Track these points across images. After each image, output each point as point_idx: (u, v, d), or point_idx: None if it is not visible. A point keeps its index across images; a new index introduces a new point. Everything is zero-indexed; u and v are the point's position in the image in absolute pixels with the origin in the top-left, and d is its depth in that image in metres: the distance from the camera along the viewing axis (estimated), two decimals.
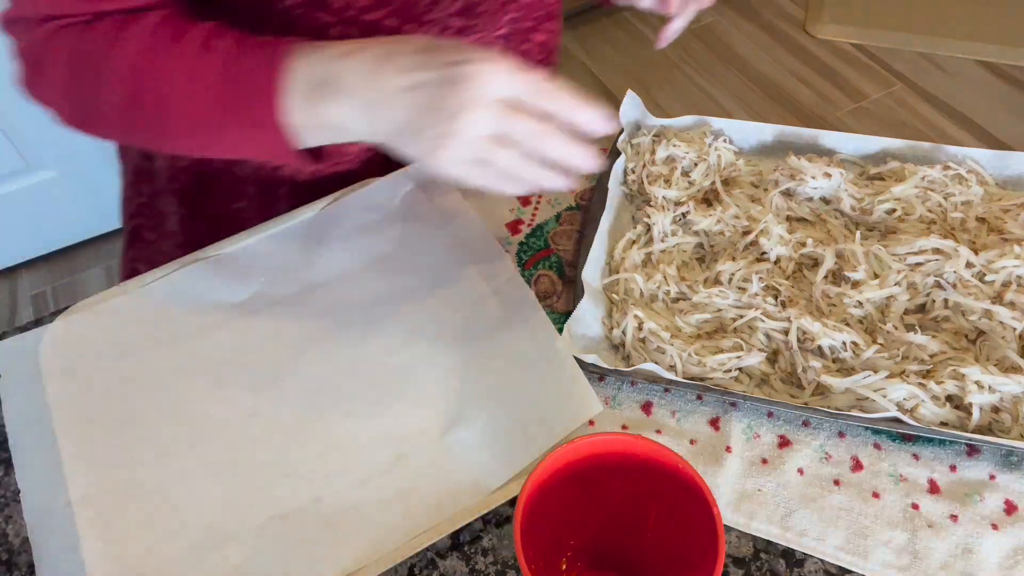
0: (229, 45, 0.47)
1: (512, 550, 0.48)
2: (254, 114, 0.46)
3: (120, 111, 0.49)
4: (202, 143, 0.51)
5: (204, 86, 0.46)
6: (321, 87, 0.45)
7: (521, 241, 0.65)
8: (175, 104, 0.47)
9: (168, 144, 0.54)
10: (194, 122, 0.48)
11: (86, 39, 0.48)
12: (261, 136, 0.47)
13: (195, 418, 0.53)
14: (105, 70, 0.48)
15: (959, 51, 2.11)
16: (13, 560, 0.49)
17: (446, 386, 0.54)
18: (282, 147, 0.47)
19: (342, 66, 0.45)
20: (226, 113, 0.47)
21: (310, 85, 0.45)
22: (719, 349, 0.54)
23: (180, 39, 0.47)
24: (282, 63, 0.45)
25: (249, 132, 0.47)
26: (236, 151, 0.52)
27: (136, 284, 0.60)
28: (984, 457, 0.51)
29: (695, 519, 0.40)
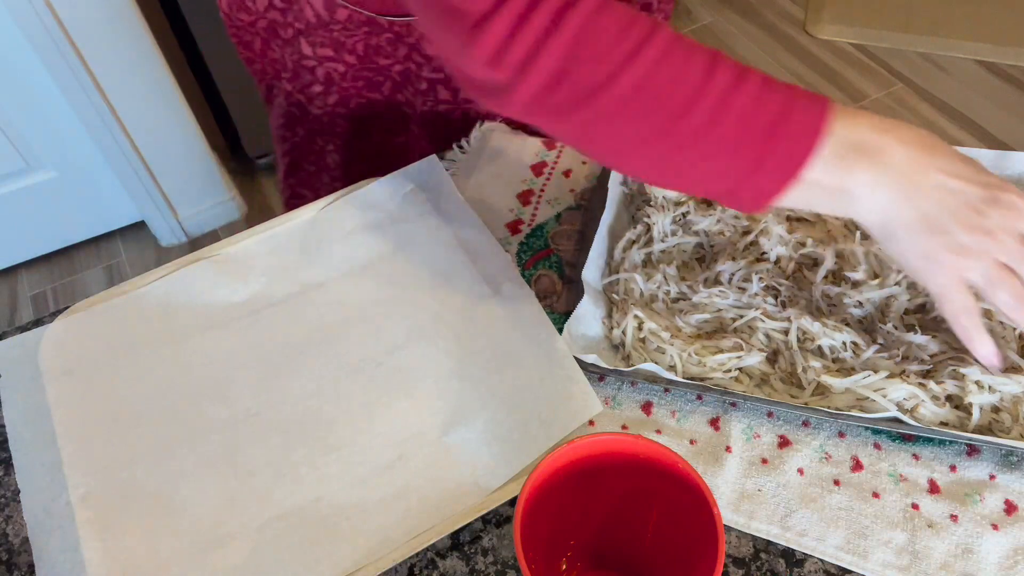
0: (759, 78, 0.43)
1: (512, 550, 0.48)
2: (776, 157, 0.43)
3: (618, 101, 0.42)
4: (671, 160, 0.45)
5: (731, 111, 0.42)
6: (858, 150, 0.43)
7: (521, 241, 0.65)
8: (680, 113, 0.42)
9: (631, 150, 0.45)
10: (689, 139, 0.43)
11: (598, 21, 0.42)
12: (758, 180, 0.43)
13: (195, 418, 0.53)
14: (616, 59, 0.41)
15: (959, 51, 2.11)
16: (13, 560, 0.49)
17: (446, 386, 0.54)
18: (765, 198, 0.44)
19: (884, 139, 0.44)
20: (743, 145, 0.43)
21: (846, 146, 0.43)
22: (719, 349, 0.54)
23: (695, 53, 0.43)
24: (828, 114, 0.43)
25: (753, 172, 0.43)
26: (701, 180, 0.46)
27: (136, 284, 0.60)
28: (984, 457, 0.51)
29: (695, 519, 0.40)
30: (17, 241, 1.80)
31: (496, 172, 0.71)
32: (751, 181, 0.43)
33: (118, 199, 1.80)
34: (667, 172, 0.45)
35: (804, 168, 0.42)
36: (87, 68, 1.48)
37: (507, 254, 0.61)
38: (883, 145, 0.44)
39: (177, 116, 1.66)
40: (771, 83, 0.43)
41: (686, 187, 0.47)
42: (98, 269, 1.86)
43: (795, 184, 0.43)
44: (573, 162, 0.71)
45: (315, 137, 0.82)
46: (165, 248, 1.89)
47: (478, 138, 0.74)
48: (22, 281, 1.84)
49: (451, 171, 0.70)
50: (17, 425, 0.53)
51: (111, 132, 1.60)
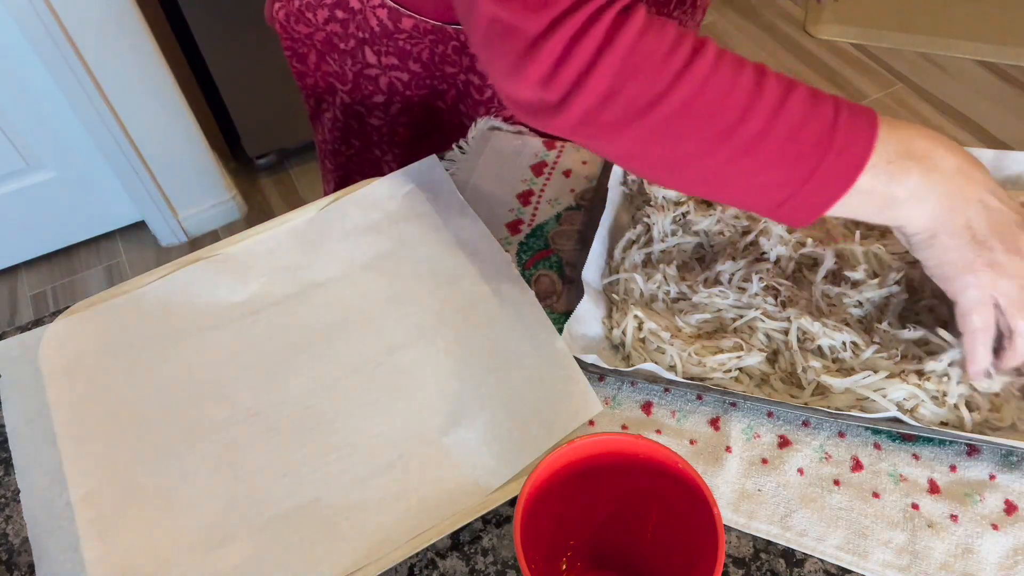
0: (806, 89, 0.43)
1: (512, 550, 0.48)
2: (830, 166, 0.43)
3: (670, 117, 0.43)
4: (725, 173, 0.45)
5: (783, 121, 0.42)
6: (909, 155, 0.44)
7: (521, 241, 0.65)
8: (733, 126, 0.42)
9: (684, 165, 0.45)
10: (742, 151, 0.43)
11: (648, 39, 0.42)
12: (812, 189, 0.43)
13: (195, 418, 0.53)
14: (665, 77, 0.42)
15: (959, 51, 2.11)
16: (13, 560, 0.49)
17: (446, 386, 0.54)
18: (819, 208, 0.44)
19: (932, 145, 0.45)
20: (796, 155, 0.43)
21: (896, 152, 0.44)
22: (719, 349, 0.54)
23: (743, 66, 0.43)
24: (877, 122, 0.44)
25: (807, 181, 0.43)
26: (755, 192, 0.45)
27: (136, 284, 0.60)
28: (984, 457, 0.51)
29: (695, 519, 0.40)
30: (17, 241, 1.80)
31: (496, 172, 0.71)
32: (805, 191, 0.43)
33: (118, 199, 1.80)
34: (721, 186, 0.46)
35: (859, 176, 0.43)
36: (87, 68, 1.48)
37: (507, 254, 0.61)
38: (932, 151, 0.44)
39: (177, 116, 1.66)
40: (818, 93, 0.43)
41: (739, 200, 0.47)
42: (98, 269, 1.86)
43: (848, 193, 0.43)
44: (573, 162, 0.71)
45: (372, 148, 0.83)
46: (165, 248, 1.89)
47: (478, 138, 0.74)
48: (22, 281, 1.84)
49: (451, 171, 0.70)
50: (17, 425, 0.53)
51: (111, 132, 1.60)
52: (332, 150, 0.87)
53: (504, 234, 0.66)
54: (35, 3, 1.34)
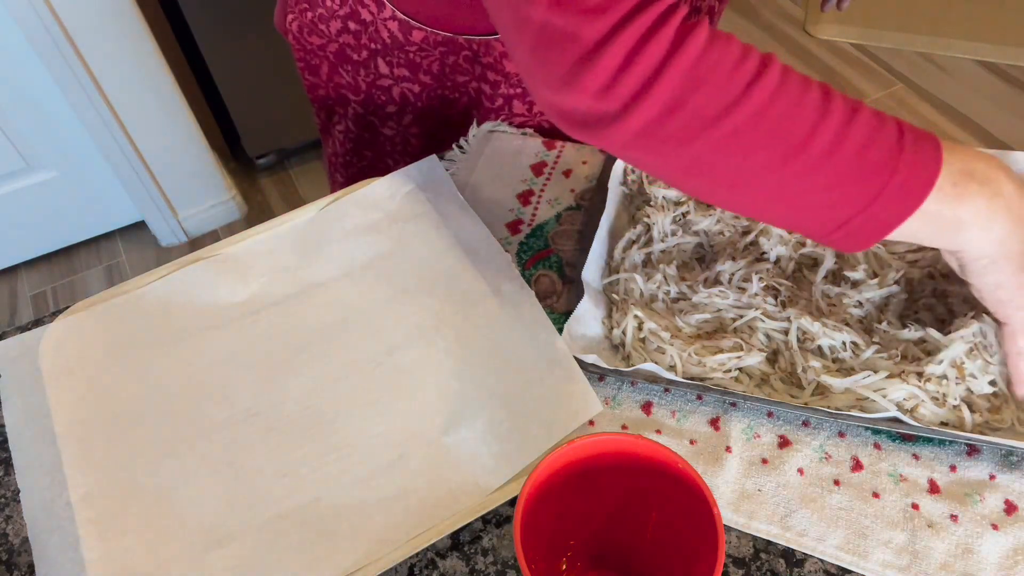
0: (870, 108, 0.43)
1: (512, 550, 0.48)
2: (897, 186, 0.42)
3: (735, 132, 0.41)
4: (788, 190, 0.43)
5: (850, 140, 0.41)
6: (971, 177, 0.43)
7: (521, 241, 0.65)
8: (801, 143, 0.41)
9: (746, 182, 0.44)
10: (809, 169, 0.42)
11: (716, 49, 0.41)
12: (877, 210, 0.42)
13: (195, 418, 0.53)
14: (734, 89, 0.41)
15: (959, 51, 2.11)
16: (13, 560, 0.49)
17: (446, 386, 0.54)
18: (881, 231, 0.43)
19: (992, 169, 0.44)
20: (863, 174, 0.42)
21: (960, 173, 0.43)
22: (719, 349, 0.54)
23: (809, 83, 0.42)
24: (940, 144, 0.43)
25: (872, 202, 0.42)
26: (816, 212, 0.44)
27: (136, 284, 0.60)
28: (984, 457, 0.51)
29: (695, 519, 0.40)
30: (17, 241, 1.80)
31: (496, 172, 0.71)
32: (869, 212, 0.42)
33: (118, 199, 1.80)
34: (785, 203, 0.44)
35: (926, 197, 0.42)
36: (87, 68, 1.48)
37: (507, 254, 0.61)
38: (994, 176, 0.44)
39: (177, 116, 1.66)
40: (882, 114, 0.43)
41: (799, 220, 0.45)
42: (98, 269, 1.86)
43: (915, 214, 0.42)
44: (573, 162, 0.71)
45: (385, 159, 0.83)
46: (165, 248, 1.89)
47: (478, 138, 0.74)
48: (22, 281, 1.84)
49: (451, 171, 0.70)
50: (17, 425, 0.53)
51: (111, 132, 1.60)
52: (344, 162, 0.87)
53: (504, 234, 0.66)
54: (35, 3, 1.34)
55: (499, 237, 0.65)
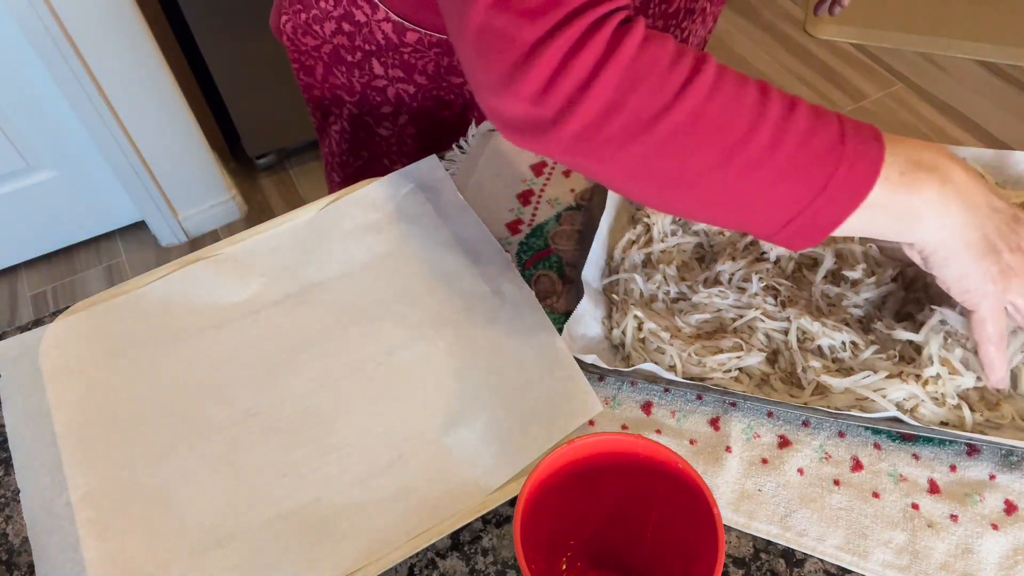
0: (807, 104, 0.42)
1: (512, 550, 0.48)
2: (841, 178, 0.41)
3: (674, 132, 0.41)
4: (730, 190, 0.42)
5: (790, 135, 0.41)
6: (920, 167, 0.43)
7: (521, 241, 0.65)
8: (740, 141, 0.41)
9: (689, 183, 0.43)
10: (750, 167, 0.41)
11: (650, 51, 0.40)
12: (822, 205, 0.42)
13: (195, 418, 0.53)
14: (669, 90, 0.40)
15: (959, 51, 2.11)
16: (13, 560, 0.49)
17: (446, 386, 0.54)
18: (828, 226, 0.43)
19: (939, 157, 0.44)
20: (805, 169, 0.41)
21: (907, 162, 0.42)
22: (719, 349, 0.54)
23: (746, 81, 0.42)
24: (882, 136, 0.42)
25: (816, 197, 0.41)
26: (761, 211, 0.43)
27: (136, 284, 0.60)
28: (984, 457, 0.51)
29: (695, 519, 0.40)
30: (17, 241, 1.80)
31: (496, 172, 0.71)
32: (815, 207, 0.42)
33: (118, 199, 1.80)
34: (728, 204, 0.43)
35: (871, 188, 0.41)
36: (87, 68, 1.48)
37: (507, 254, 0.61)
38: (941, 163, 0.44)
39: (177, 116, 1.66)
40: (820, 108, 0.42)
41: (745, 220, 0.44)
42: (98, 269, 1.86)
43: (861, 207, 0.42)
44: None
45: (381, 159, 0.83)
46: (165, 248, 1.89)
47: (478, 138, 0.74)
48: (22, 281, 1.84)
49: (451, 171, 0.70)
50: (17, 425, 0.53)
51: (111, 132, 1.60)
52: (340, 162, 0.87)
53: (504, 234, 0.66)
54: (35, 3, 1.34)
55: (499, 237, 0.65)
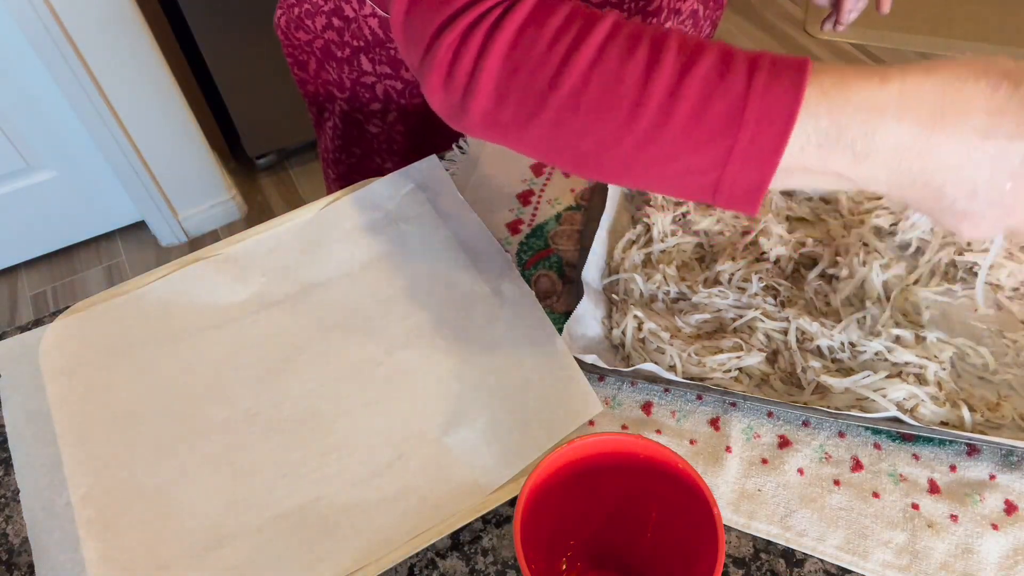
0: (714, 57, 0.38)
1: (512, 550, 0.48)
2: (745, 146, 0.37)
3: (563, 109, 0.40)
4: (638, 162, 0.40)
5: (683, 101, 0.38)
6: (834, 140, 0.37)
7: (521, 241, 0.65)
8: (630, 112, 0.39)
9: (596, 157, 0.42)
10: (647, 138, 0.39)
11: (527, 34, 0.40)
12: (734, 173, 0.38)
13: (195, 418, 0.53)
14: (550, 68, 0.39)
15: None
16: (13, 560, 0.49)
17: (446, 386, 0.54)
18: (751, 192, 0.39)
19: (871, 119, 0.36)
20: (705, 138, 0.38)
21: (821, 133, 0.37)
22: (719, 349, 0.54)
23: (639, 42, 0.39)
24: (800, 90, 0.36)
25: (724, 165, 0.38)
26: (679, 180, 0.40)
27: (136, 284, 0.60)
28: (984, 457, 0.51)
29: (695, 519, 0.40)
30: (17, 241, 1.80)
31: (496, 172, 0.71)
32: (728, 175, 0.38)
33: (118, 199, 1.80)
34: (642, 176, 0.41)
35: (780, 155, 0.37)
36: (87, 68, 1.48)
37: (507, 254, 0.61)
38: (867, 129, 0.37)
39: (177, 116, 1.66)
40: (731, 58, 0.37)
41: (671, 189, 0.42)
42: (98, 269, 1.86)
43: (777, 173, 0.38)
44: None
45: (373, 156, 0.83)
46: (165, 248, 1.89)
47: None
48: (22, 281, 1.84)
49: (451, 171, 0.70)
50: (17, 425, 0.53)
51: (111, 132, 1.60)
52: (334, 159, 0.87)
53: (504, 234, 0.66)
54: (35, 3, 1.34)
55: (499, 237, 0.65)
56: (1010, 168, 0.36)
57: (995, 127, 0.36)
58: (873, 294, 0.56)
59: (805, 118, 0.36)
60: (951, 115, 0.36)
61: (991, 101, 0.36)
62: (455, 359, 0.55)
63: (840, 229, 0.62)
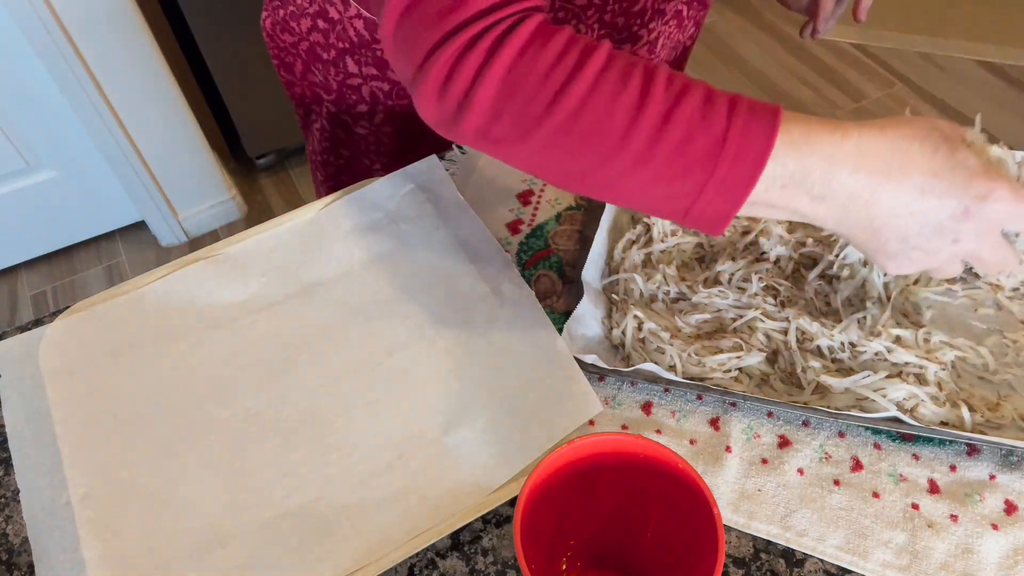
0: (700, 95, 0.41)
1: (512, 550, 0.48)
2: (720, 181, 0.41)
3: (556, 133, 0.42)
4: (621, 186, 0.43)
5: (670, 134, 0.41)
6: (797, 183, 0.41)
7: (521, 241, 0.65)
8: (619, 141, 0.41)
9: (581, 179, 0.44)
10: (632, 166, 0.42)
11: (528, 55, 0.41)
12: (706, 204, 0.42)
13: (195, 418, 0.53)
14: (547, 94, 0.41)
15: (959, 51, 2.11)
16: (13, 560, 0.49)
17: (446, 386, 0.54)
18: (718, 222, 0.42)
19: (831, 169, 0.41)
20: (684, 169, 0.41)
21: (787, 174, 0.41)
22: (719, 349, 0.54)
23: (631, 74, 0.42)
24: (773, 133, 0.40)
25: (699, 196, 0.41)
26: (655, 203, 0.44)
27: (136, 284, 0.60)
28: (984, 457, 0.51)
29: (695, 519, 0.40)
30: (17, 241, 1.80)
31: (496, 172, 0.71)
32: (699, 206, 0.42)
33: (118, 199, 1.80)
34: (623, 197, 0.45)
35: (751, 192, 0.41)
36: (87, 68, 1.48)
37: (507, 254, 0.61)
38: (827, 176, 0.41)
39: (177, 116, 1.66)
40: (713, 99, 0.41)
41: (649, 209, 0.45)
42: (98, 269, 1.86)
43: (746, 206, 0.42)
44: None
45: (361, 158, 0.83)
46: (165, 248, 1.89)
47: None
48: (22, 281, 1.84)
49: (451, 171, 0.70)
50: (17, 425, 0.53)
51: (111, 132, 1.60)
52: (322, 161, 0.87)
53: (504, 234, 0.66)
54: (35, 3, 1.34)
55: (499, 237, 0.65)
56: (936, 222, 0.42)
57: (930, 187, 0.42)
58: (874, 294, 0.56)
59: (774, 161, 0.41)
60: (896, 171, 0.42)
61: (931, 163, 0.42)
62: (455, 359, 0.55)
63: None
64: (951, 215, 0.42)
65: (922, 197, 0.42)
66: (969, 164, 0.42)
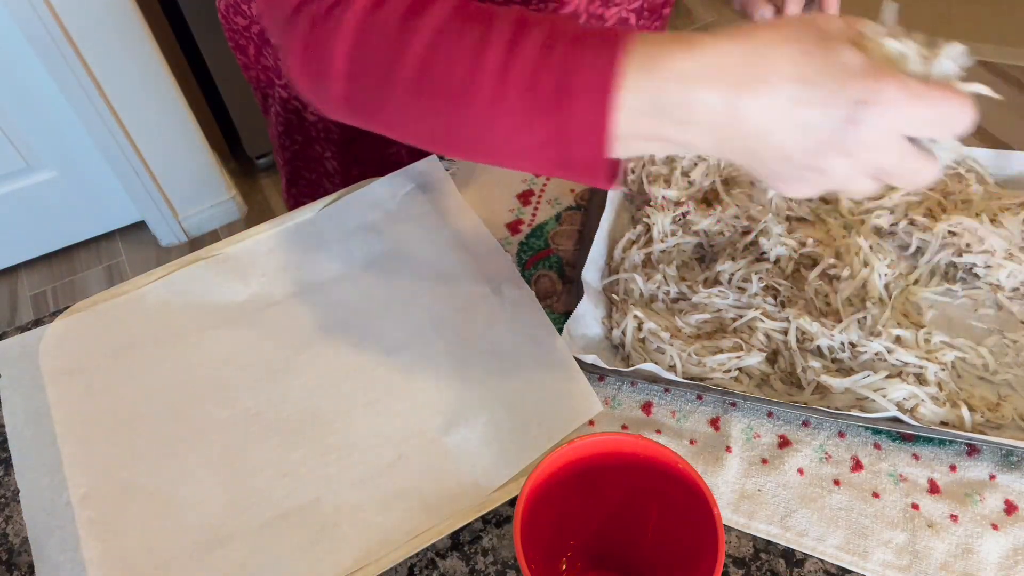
0: (542, 33, 0.38)
1: (512, 550, 0.48)
2: (576, 122, 0.38)
3: (406, 92, 0.40)
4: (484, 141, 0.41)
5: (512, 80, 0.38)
6: (658, 111, 0.37)
7: (521, 241, 0.65)
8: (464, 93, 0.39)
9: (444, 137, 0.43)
10: (485, 118, 0.39)
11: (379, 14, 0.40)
12: (574, 149, 0.39)
13: (195, 418, 0.53)
14: (394, 51, 0.40)
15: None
16: (13, 560, 0.49)
17: (446, 386, 0.54)
18: (597, 167, 0.39)
19: (688, 91, 0.36)
20: (536, 116, 0.38)
21: (646, 105, 0.37)
22: (719, 349, 0.54)
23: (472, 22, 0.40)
24: (616, 65, 0.36)
25: (563, 142, 0.39)
26: (527, 157, 0.41)
27: (136, 284, 0.60)
28: (984, 457, 0.51)
29: (695, 519, 0.40)
30: (17, 241, 1.80)
31: (496, 172, 0.71)
32: (569, 150, 0.39)
33: (118, 199, 1.80)
34: (487, 153, 0.42)
35: (611, 127, 0.37)
36: (87, 68, 1.48)
37: (507, 254, 0.61)
38: (684, 98, 0.36)
39: (177, 116, 1.66)
40: (557, 34, 0.38)
41: (520, 166, 0.42)
42: (98, 269, 1.86)
43: (616, 144, 0.38)
44: None
45: (313, 144, 0.82)
46: (165, 248, 1.89)
47: None
48: (22, 281, 1.84)
49: (451, 171, 0.70)
50: (17, 425, 0.53)
51: (111, 132, 1.60)
52: (280, 144, 0.87)
53: (504, 234, 0.66)
54: (35, 3, 1.34)
55: (499, 237, 0.65)
56: (818, 136, 0.35)
57: (802, 96, 0.35)
58: (875, 294, 0.56)
59: (628, 91, 0.36)
60: (753, 81, 0.35)
61: (797, 67, 0.35)
62: (455, 359, 0.55)
63: (840, 229, 0.62)
64: (833, 126, 0.35)
65: (794, 109, 0.35)
66: (850, 64, 0.35)
